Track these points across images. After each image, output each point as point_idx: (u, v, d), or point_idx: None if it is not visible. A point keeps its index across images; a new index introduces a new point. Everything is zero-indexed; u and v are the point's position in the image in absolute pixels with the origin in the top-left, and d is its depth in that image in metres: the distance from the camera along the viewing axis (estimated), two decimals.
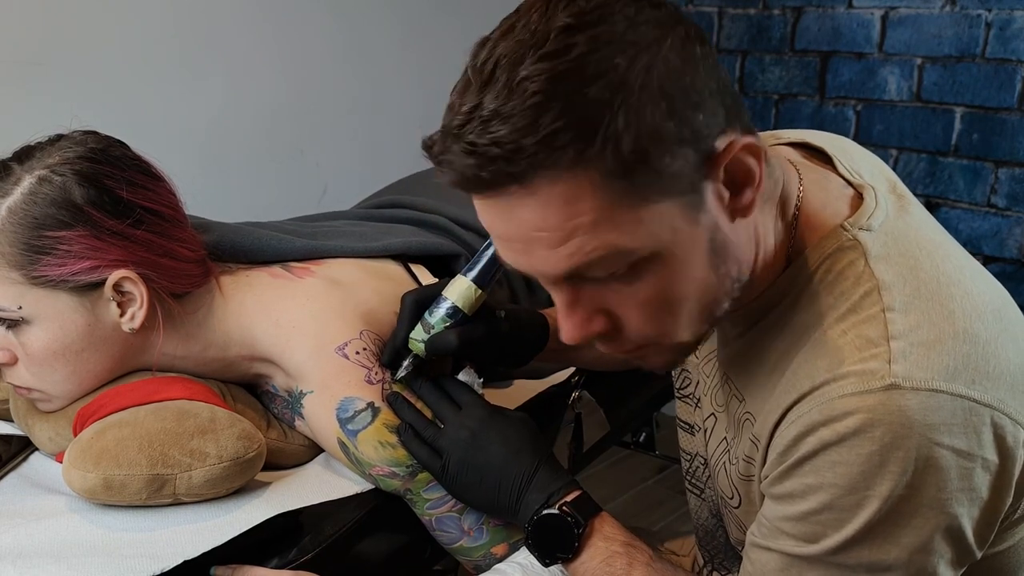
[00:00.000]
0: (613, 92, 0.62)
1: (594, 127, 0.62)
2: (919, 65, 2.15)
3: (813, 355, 0.73)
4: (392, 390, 0.99)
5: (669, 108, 0.64)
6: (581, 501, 0.91)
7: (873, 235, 0.75)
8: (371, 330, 1.00)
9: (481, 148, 0.63)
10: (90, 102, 1.56)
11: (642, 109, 0.63)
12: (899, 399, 0.67)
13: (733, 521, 0.87)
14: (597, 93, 0.62)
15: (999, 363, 0.70)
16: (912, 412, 0.67)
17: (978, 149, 2.10)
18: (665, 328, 0.73)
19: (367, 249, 1.13)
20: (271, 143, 1.90)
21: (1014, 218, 2.09)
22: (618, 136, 0.62)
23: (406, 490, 0.97)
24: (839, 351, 0.71)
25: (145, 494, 0.88)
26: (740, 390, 0.83)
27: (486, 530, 0.98)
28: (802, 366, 0.73)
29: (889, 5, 2.17)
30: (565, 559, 0.89)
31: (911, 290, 0.72)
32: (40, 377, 0.96)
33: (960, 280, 0.74)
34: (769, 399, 0.76)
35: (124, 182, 0.94)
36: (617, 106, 0.62)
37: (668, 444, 2.40)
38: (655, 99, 0.63)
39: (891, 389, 0.67)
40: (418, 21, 2.09)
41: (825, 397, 0.70)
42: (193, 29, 1.74)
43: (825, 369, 0.71)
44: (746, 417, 0.80)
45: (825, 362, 0.71)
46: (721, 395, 0.88)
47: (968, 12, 2.06)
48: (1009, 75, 2.03)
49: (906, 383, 0.67)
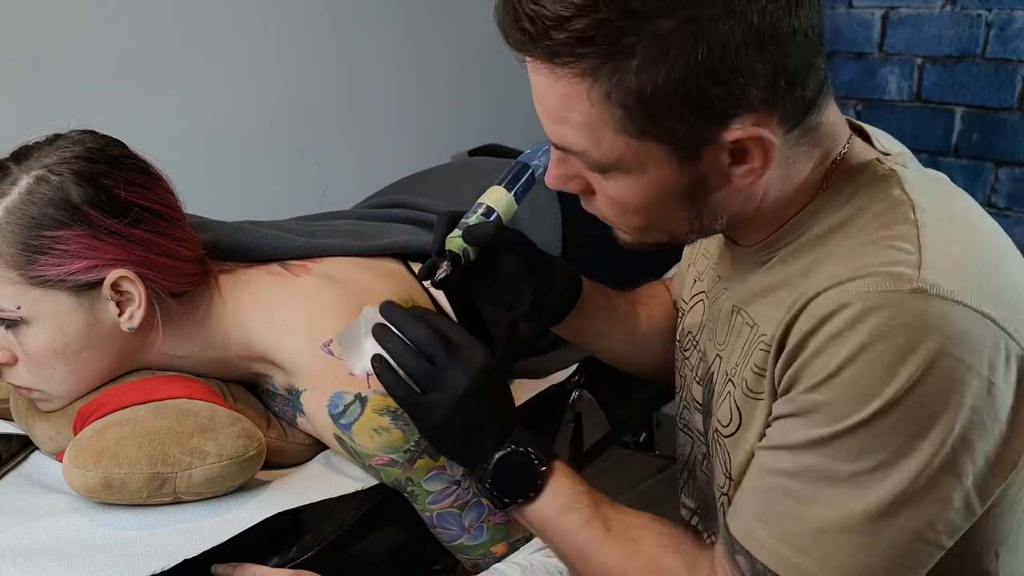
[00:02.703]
0: (644, 36, 0.65)
1: (613, 54, 0.66)
2: (919, 65, 2.16)
3: (838, 259, 0.73)
4: None
5: (692, 74, 0.65)
6: (543, 444, 0.90)
7: (908, 171, 0.77)
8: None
9: (522, 12, 0.68)
10: (89, 102, 1.56)
11: (663, 59, 0.65)
12: (924, 303, 0.67)
13: (720, 460, 0.87)
14: (632, 26, 0.65)
15: (1021, 299, 0.71)
16: (934, 318, 0.67)
17: (978, 149, 2.10)
18: (620, 222, 0.81)
19: (366, 248, 1.13)
20: (271, 143, 1.90)
21: (1014, 218, 2.09)
22: (628, 75, 0.66)
23: (407, 480, 0.97)
24: (866, 255, 0.71)
25: (145, 493, 0.88)
26: (753, 317, 0.82)
27: (486, 528, 0.98)
28: (824, 268, 0.73)
29: (889, 5, 2.17)
30: (527, 499, 0.88)
31: (945, 215, 0.73)
32: (40, 377, 0.96)
33: (988, 222, 0.77)
34: (783, 306, 0.76)
35: (122, 181, 0.94)
36: (642, 48, 0.65)
37: (668, 444, 2.39)
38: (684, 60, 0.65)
39: (916, 293, 0.67)
40: (418, 21, 2.09)
41: (848, 291, 0.69)
42: (193, 29, 1.74)
43: (851, 270, 0.71)
44: (760, 339, 0.80)
45: (851, 264, 0.71)
46: (726, 331, 0.87)
47: (968, 12, 2.06)
48: (1009, 75, 2.03)
49: (932, 290, 0.67)
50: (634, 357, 1.13)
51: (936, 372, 0.67)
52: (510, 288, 1.01)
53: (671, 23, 0.65)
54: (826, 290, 0.71)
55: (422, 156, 1.74)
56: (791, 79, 0.69)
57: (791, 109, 0.71)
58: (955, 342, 0.67)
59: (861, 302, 0.68)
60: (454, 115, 2.19)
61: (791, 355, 0.73)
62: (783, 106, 0.70)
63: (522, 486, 0.88)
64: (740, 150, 0.71)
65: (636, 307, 1.12)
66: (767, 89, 0.68)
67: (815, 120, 0.75)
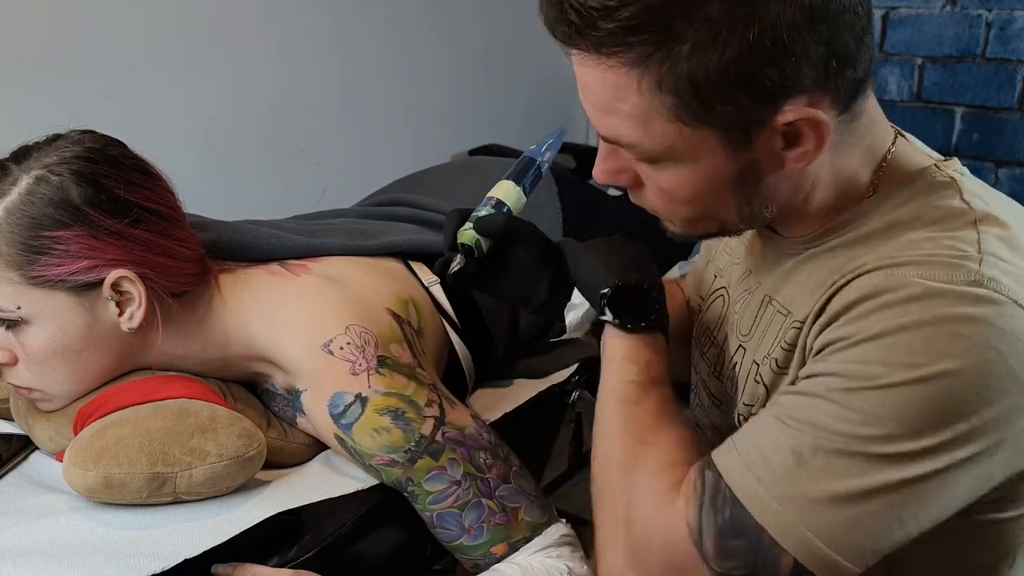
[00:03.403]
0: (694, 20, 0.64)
1: (663, 41, 0.65)
2: (919, 65, 2.16)
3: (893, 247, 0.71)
4: None
5: (742, 51, 0.65)
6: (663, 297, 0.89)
7: (967, 179, 0.76)
8: (359, 324, 0.99)
9: (568, 5, 0.67)
10: (89, 101, 1.56)
11: (715, 41, 0.64)
12: (983, 296, 0.66)
13: None
14: (681, 10, 0.64)
15: None
16: (989, 314, 0.66)
17: (978, 149, 2.10)
18: (670, 213, 0.80)
19: (367, 247, 1.13)
20: (271, 143, 1.90)
21: None
22: (679, 60, 0.65)
23: (407, 480, 0.97)
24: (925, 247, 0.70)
25: (145, 492, 0.88)
26: (786, 305, 0.81)
27: (486, 528, 0.98)
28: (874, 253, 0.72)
29: (889, 5, 2.17)
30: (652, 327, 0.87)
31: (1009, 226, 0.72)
32: (40, 377, 0.96)
33: None
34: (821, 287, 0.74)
35: (122, 181, 0.94)
36: (692, 32, 0.64)
37: None
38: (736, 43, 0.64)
39: (975, 285, 0.66)
40: (418, 21, 2.09)
41: (901, 272, 0.68)
42: (192, 29, 1.74)
43: (907, 255, 0.69)
44: (794, 326, 0.78)
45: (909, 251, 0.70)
46: (752, 321, 0.86)
47: (968, 12, 2.06)
48: (1009, 75, 2.03)
49: (991, 285, 0.66)
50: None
51: (976, 364, 0.65)
52: (525, 279, 0.99)
53: (721, 6, 0.64)
54: (879, 268, 0.70)
55: (422, 156, 1.74)
56: (842, 58, 0.68)
57: (843, 89, 0.70)
58: (1006, 340, 0.65)
59: (917, 284, 0.67)
60: (454, 115, 2.19)
61: (829, 319, 0.72)
62: (835, 87, 0.69)
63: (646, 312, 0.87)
64: (793, 133, 0.70)
65: None
66: (819, 69, 0.67)
67: (861, 105, 0.74)
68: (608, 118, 0.72)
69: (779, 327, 0.81)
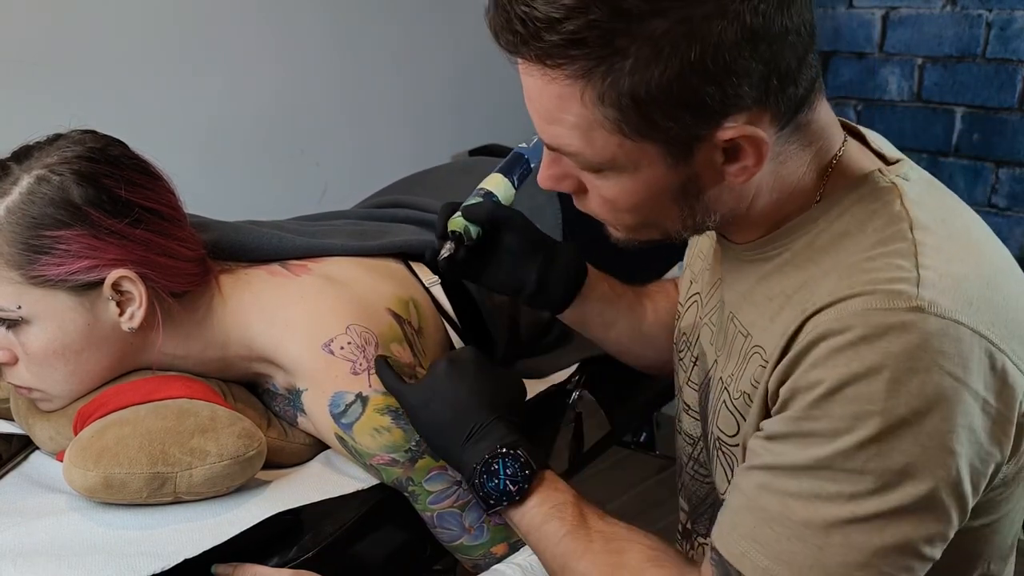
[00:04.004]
0: (637, 37, 0.65)
1: (606, 56, 0.66)
2: (919, 65, 2.16)
3: (836, 276, 0.72)
4: None
5: (683, 70, 0.65)
6: (534, 452, 0.90)
7: (910, 184, 0.77)
8: (359, 324, 1.00)
9: (513, 14, 0.68)
10: (90, 101, 1.56)
11: (656, 60, 0.65)
12: (922, 323, 0.67)
13: (723, 467, 0.86)
14: (625, 27, 0.64)
15: (1017, 317, 0.71)
16: (933, 339, 0.67)
17: (978, 149, 2.10)
18: (613, 220, 0.81)
19: (367, 247, 1.13)
20: (271, 143, 1.90)
21: (1014, 218, 2.09)
22: (621, 76, 0.66)
23: (408, 480, 0.97)
24: (865, 273, 0.71)
25: (146, 492, 0.88)
26: (747, 326, 0.82)
27: (486, 528, 0.98)
28: (822, 284, 0.73)
29: (889, 5, 2.17)
30: (513, 502, 0.88)
31: (944, 233, 0.73)
32: (40, 377, 0.96)
33: (988, 239, 0.78)
34: (779, 319, 0.76)
35: (123, 181, 0.94)
36: (635, 49, 0.65)
37: (668, 444, 2.39)
38: (678, 61, 0.65)
39: (915, 311, 0.67)
40: (418, 21, 2.09)
41: (847, 309, 0.69)
42: (193, 28, 1.74)
43: (848, 287, 0.70)
44: (755, 351, 0.79)
45: (849, 281, 0.71)
46: (722, 337, 0.87)
47: (968, 12, 2.06)
48: (1009, 75, 2.03)
49: (931, 308, 0.67)
50: (639, 350, 1.13)
51: (934, 392, 0.67)
52: (514, 267, 1.02)
53: (664, 24, 0.64)
54: (826, 307, 0.71)
55: (422, 156, 1.74)
56: (784, 77, 0.69)
57: (784, 107, 0.71)
58: (953, 361, 0.67)
59: (862, 322, 0.68)
60: (454, 115, 2.19)
61: (787, 370, 0.73)
62: (776, 104, 0.70)
63: (509, 489, 0.88)
64: (733, 148, 0.71)
65: (643, 299, 1.12)
66: (760, 88, 0.68)
67: (806, 117, 0.75)
68: (552, 127, 0.73)
69: (741, 349, 0.82)
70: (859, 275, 0.71)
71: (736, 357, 0.83)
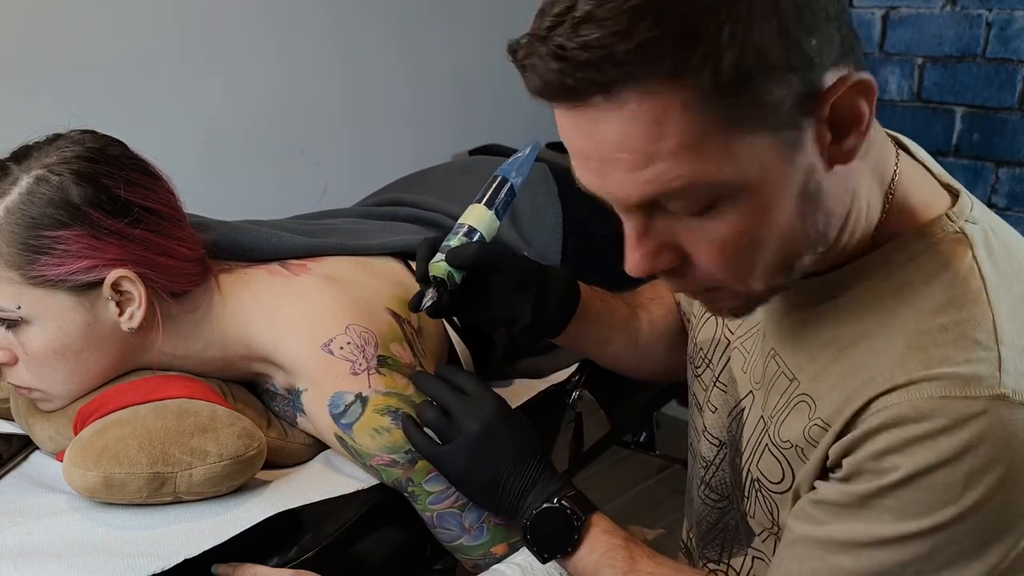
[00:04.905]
0: (720, 2, 0.57)
1: (695, 39, 0.57)
2: (919, 65, 2.15)
3: (904, 345, 0.67)
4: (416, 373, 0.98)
5: (781, 26, 0.59)
6: (579, 498, 0.91)
7: (977, 228, 0.71)
8: (358, 323, 0.99)
9: (569, 52, 0.58)
10: (90, 101, 1.56)
11: (751, 24, 0.58)
12: (1008, 413, 0.62)
13: (764, 509, 0.82)
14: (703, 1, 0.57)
15: None
16: (1018, 428, 0.63)
17: (978, 149, 2.10)
18: (739, 273, 0.68)
19: (366, 247, 1.13)
20: (271, 143, 1.90)
21: (1014, 218, 2.09)
22: (721, 52, 0.57)
23: (407, 480, 0.97)
24: (939, 348, 0.65)
25: (145, 492, 0.88)
26: (792, 369, 0.77)
27: (486, 529, 0.98)
28: (888, 354, 0.68)
29: (889, 5, 2.17)
30: (565, 553, 0.89)
31: (1017, 295, 0.68)
32: (40, 377, 0.96)
33: None
34: (839, 385, 0.70)
35: (122, 181, 0.94)
36: (723, 18, 0.57)
37: (668, 444, 2.40)
38: (766, 14, 0.58)
39: (999, 400, 0.63)
40: (417, 21, 2.09)
41: (921, 394, 0.64)
42: (193, 28, 1.74)
43: (922, 364, 0.65)
44: (801, 399, 0.75)
45: (922, 356, 0.66)
46: (760, 370, 0.83)
47: (968, 12, 2.05)
48: (1009, 75, 2.02)
49: (1016, 396, 0.63)
50: (637, 363, 1.12)
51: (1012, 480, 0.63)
52: (508, 305, 0.99)
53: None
54: (898, 388, 0.66)
55: (422, 156, 1.74)
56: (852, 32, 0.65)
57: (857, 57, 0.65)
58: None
59: (940, 411, 0.63)
60: (455, 115, 2.19)
61: (851, 445, 0.69)
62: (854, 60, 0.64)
63: (560, 543, 0.89)
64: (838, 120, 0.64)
65: (637, 312, 1.10)
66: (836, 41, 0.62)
67: None
68: (648, 169, 0.61)
69: (785, 391, 0.78)
70: (932, 350, 0.66)
71: (778, 397, 0.78)
